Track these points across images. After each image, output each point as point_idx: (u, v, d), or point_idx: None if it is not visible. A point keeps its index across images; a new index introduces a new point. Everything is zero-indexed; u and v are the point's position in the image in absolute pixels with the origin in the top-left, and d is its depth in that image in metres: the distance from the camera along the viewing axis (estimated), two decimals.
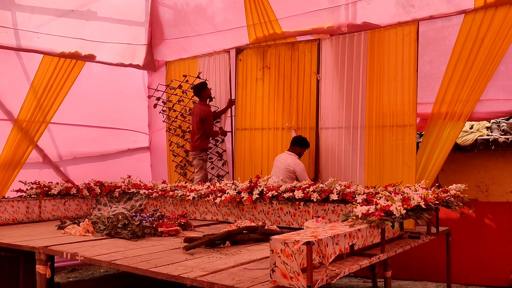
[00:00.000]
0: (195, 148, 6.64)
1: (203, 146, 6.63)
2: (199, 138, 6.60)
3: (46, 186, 6.05)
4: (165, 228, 4.62)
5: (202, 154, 6.63)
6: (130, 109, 7.90)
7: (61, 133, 7.02)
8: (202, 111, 6.54)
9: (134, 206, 6.33)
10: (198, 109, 6.61)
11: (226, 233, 4.12)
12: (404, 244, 4.00)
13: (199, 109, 6.58)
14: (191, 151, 6.75)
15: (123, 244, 4.15)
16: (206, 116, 6.53)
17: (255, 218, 5.37)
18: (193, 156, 6.70)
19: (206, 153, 6.70)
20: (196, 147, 6.63)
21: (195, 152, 6.65)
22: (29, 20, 6.25)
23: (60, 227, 5.03)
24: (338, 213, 4.79)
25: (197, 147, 6.62)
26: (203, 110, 6.55)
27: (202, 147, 6.62)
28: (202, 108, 6.59)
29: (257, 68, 6.62)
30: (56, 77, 6.59)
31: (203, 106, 6.62)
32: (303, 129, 6.26)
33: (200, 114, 6.52)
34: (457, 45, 5.21)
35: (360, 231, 3.23)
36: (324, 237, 2.83)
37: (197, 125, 6.59)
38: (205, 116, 6.51)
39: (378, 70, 5.61)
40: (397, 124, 5.44)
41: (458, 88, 5.20)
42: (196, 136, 6.64)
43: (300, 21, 6.21)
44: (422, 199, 3.71)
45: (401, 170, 5.37)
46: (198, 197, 5.85)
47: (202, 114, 6.51)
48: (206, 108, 6.62)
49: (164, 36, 7.56)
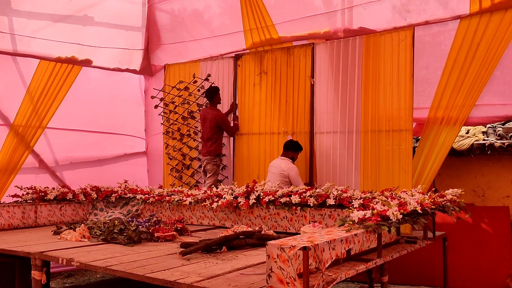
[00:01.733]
0: (210, 153, 6.59)
1: (217, 151, 6.61)
2: (214, 143, 6.57)
3: (42, 191, 6.02)
4: (161, 233, 4.61)
5: (217, 159, 6.60)
6: (126, 114, 7.90)
7: (58, 138, 7.00)
8: (217, 116, 6.50)
9: (131, 211, 6.31)
10: (211, 115, 6.54)
11: (222, 238, 4.11)
12: (401, 249, 4.00)
13: (213, 115, 6.52)
14: (204, 156, 6.66)
15: (119, 250, 4.14)
16: (222, 120, 6.53)
17: (252, 223, 5.36)
18: (206, 161, 6.62)
19: (220, 158, 6.68)
20: (211, 152, 6.58)
21: (209, 157, 6.59)
22: (26, 25, 6.26)
23: (56, 233, 5.01)
24: (335, 218, 4.79)
25: (212, 152, 6.58)
26: (218, 116, 6.51)
27: (216, 152, 6.60)
28: (215, 113, 6.53)
29: (254, 73, 6.63)
30: (53, 82, 6.59)
31: (215, 111, 6.57)
32: (299, 134, 6.27)
33: (216, 120, 6.49)
34: (453, 50, 5.24)
35: (356, 236, 3.23)
36: (320, 242, 2.83)
37: (212, 130, 6.54)
38: (221, 121, 6.51)
39: (373, 74, 5.63)
40: (393, 129, 5.45)
41: (454, 93, 5.24)
42: (210, 142, 6.59)
43: (297, 26, 6.24)
44: (419, 204, 3.71)
45: (397, 175, 5.38)
46: (195, 202, 5.84)
47: (217, 119, 6.49)
48: (220, 113, 6.58)
49: (161, 41, 7.58)
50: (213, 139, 6.59)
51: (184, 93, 7.25)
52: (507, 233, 5.71)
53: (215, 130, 6.56)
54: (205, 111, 6.75)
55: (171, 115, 7.39)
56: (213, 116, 6.53)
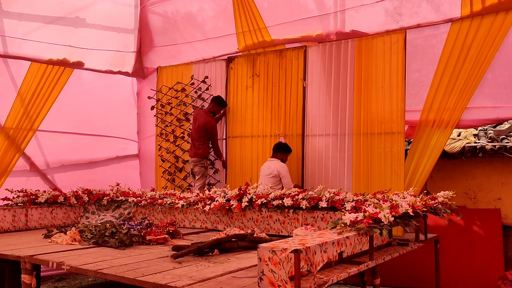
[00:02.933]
0: (197, 155, 6.59)
1: (205, 154, 6.61)
2: (202, 145, 6.56)
3: (33, 194, 5.98)
4: (153, 236, 4.58)
5: (204, 161, 6.60)
6: (119, 116, 7.87)
7: (49, 140, 6.95)
8: (208, 123, 6.49)
9: (123, 214, 6.28)
10: (203, 119, 6.54)
11: (214, 241, 4.10)
12: (393, 252, 4.00)
13: (205, 119, 6.52)
14: (192, 157, 6.67)
15: (111, 253, 4.11)
16: (212, 129, 6.53)
17: (245, 225, 5.35)
18: (194, 163, 6.63)
19: (207, 161, 6.68)
20: (198, 154, 6.58)
21: (196, 159, 6.59)
22: (17, 27, 6.21)
23: (46, 236, 4.97)
24: (327, 220, 4.79)
25: (199, 154, 6.58)
26: (208, 123, 6.50)
27: (204, 154, 6.59)
28: (207, 119, 6.52)
29: (247, 76, 6.63)
30: (44, 84, 6.54)
31: (208, 117, 6.56)
32: (290, 136, 6.27)
33: (205, 125, 6.49)
34: (444, 53, 5.26)
35: (348, 238, 3.23)
36: (312, 245, 2.82)
37: (200, 133, 6.55)
38: (210, 129, 6.52)
39: (365, 77, 5.64)
40: (385, 131, 5.47)
41: (445, 95, 5.25)
42: (198, 143, 6.59)
43: (289, 29, 6.24)
44: (410, 206, 3.72)
45: (389, 178, 5.39)
46: (187, 205, 5.82)
47: (207, 126, 6.49)
48: (211, 121, 6.55)
49: (154, 43, 7.56)
50: (200, 141, 6.59)
51: (180, 95, 7.24)
52: (498, 235, 5.74)
53: (203, 134, 6.56)
54: (198, 112, 6.74)
55: (166, 116, 7.37)
56: (204, 120, 6.53)
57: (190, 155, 6.75)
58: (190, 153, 6.77)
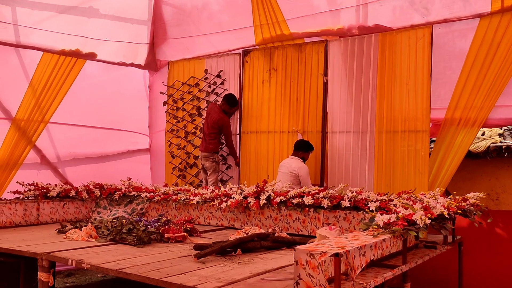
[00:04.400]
0: (207, 149, 6.48)
1: (216, 148, 6.51)
2: (213, 140, 6.46)
3: (44, 188, 5.83)
4: (171, 234, 4.44)
5: (215, 156, 6.50)
6: (130, 109, 7.71)
7: (60, 133, 6.80)
8: (221, 120, 6.40)
9: (135, 209, 6.13)
10: (216, 115, 6.45)
11: (238, 241, 3.95)
12: (423, 255, 3.85)
13: (218, 116, 6.42)
14: (203, 151, 6.56)
15: (130, 251, 3.97)
16: (224, 126, 6.43)
17: (262, 224, 5.20)
18: (204, 158, 6.51)
19: (218, 155, 6.55)
20: (209, 148, 6.47)
21: (207, 153, 6.47)
22: (29, 15, 6.04)
23: (60, 231, 4.83)
24: (350, 220, 4.65)
25: (209, 149, 6.47)
26: (221, 119, 6.40)
27: (214, 149, 6.49)
28: (221, 116, 6.43)
29: (263, 70, 6.47)
30: (56, 75, 6.39)
31: (221, 114, 6.46)
32: (310, 133, 6.12)
33: (218, 122, 6.40)
34: (472, 50, 5.10)
35: (384, 241, 3.08)
36: (351, 248, 2.67)
37: (212, 129, 6.45)
38: (222, 125, 6.42)
39: (389, 73, 5.49)
40: (409, 129, 5.32)
41: (472, 93, 5.09)
42: (209, 138, 6.49)
43: (309, 22, 6.07)
44: (445, 208, 3.56)
45: (412, 177, 5.25)
46: (203, 202, 5.67)
47: (219, 122, 6.40)
48: (224, 117, 6.46)
49: (167, 35, 7.38)
50: (211, 136, 6.49)
51: (194, 89, 7.08)
52: None
53: (215, 130, 6.46)
54: (212, 108, 6.60)
55: (177, 112, 7.22)
56: (217, 117, 6.42)
57: (201, 150, 6.64)
58: (201, 147, 6.66)
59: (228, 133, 6.50)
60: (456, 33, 5.34)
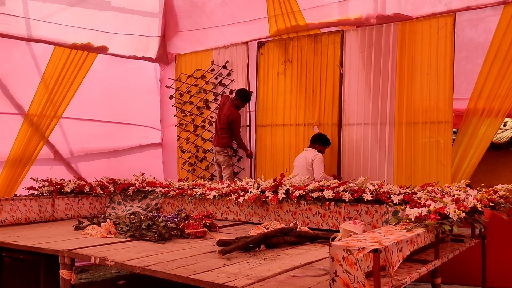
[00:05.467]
0: (220, 144, 6.44)
1: (229, 143, 6.46)
2: (225, 134, 6.41)
3: (58, 183, 5.76)
4: (191, 229, 4.35)
5: (228, 150, 6.44)
6: (142, 103, 7.63)
7: (72, 128, 6.72)
8: (231, 114, 6.32)
9: (150, 205, 6.05)
10: (227, 109, 6.38)
11: (261, 236, 3.86)
12: (452, 249, 3.75)
13: (228, 110, 6.35)
14: (216, 146, 6.51)
15: (151, 247, 3.88)
16: (234, 121, 6.35)
17: (281, 218, 5.10)
18: (218, 153, 6.46)
19: (230, 149, 6.48)
20: (221, 143, 6.43)
21: (220, 148, 6.43)
22: (41, 9, 5.94)
23: (78, 228, 4.75)
24: (372, 214, 4.55)
25: (222, 143, 6.43)
26: (232, 114, 6.33)
27: (228, 144, 6.44)
28: (231, 111, 6.35)
29: (278, 62, 6.36)
30: (68, 70, 6.29)
31: (232, 108, 6.38)
32: (326, 125, 6.02)
33: (228, 116, 6.33)
34: (496, 38, 4.96)
35: (419, 236, 2.98)
36: (389, 244, 2.58)
37: (223, 124, 6.41)
38: (232, 120, 6.34)
39: (409, 64, 5.37)
40: (430, 120, 5.21)
41: (496, 83, 4.97)
42: (221, 133, 6.44)
43: (325, 12, 5.96)
44: (478, 200, 3.46)
45: (434, 169, 5.14)
46: (219, 196, 5.58)
47: (230, 117, 6.32)
48: (235, 112, 6.37)
49: (179, 27, 7.28)
50: (223, 131, 6.43)
51: (200, 82, 6.99)
52: None
53: (226, 125, 6.40)
54: (224, 101, 6.52)
55: (185, 106, 7.14)
56: (228, 112, 6.36)
57: (214, 144, 6.58)
58: (214, 142, 6.59)
59: (237, 128, 6.44)
60: (466, 23, 5.23)
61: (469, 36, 5.43)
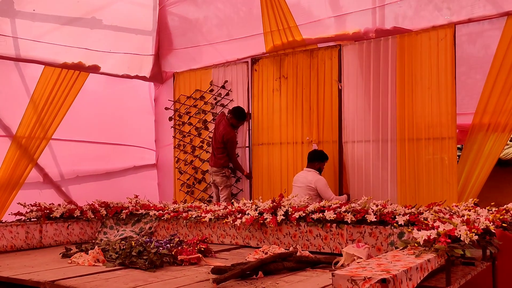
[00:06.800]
0: (217, 164, 6.23)
1: (226, 163, 6.25)
2: (221, 154, 6.21)
3: (47, 208, 5.49)
4: (185, 255, 4.09)
5: (225, 170, 6.21)
6: (135, 123, 7.44)
7: (63, 150, 6.52)
8: (226, 134, 6.14)
9: (144, 228, 5.79)
10: (222, 128, 6.20)
11: (259, 262, 3.60)
12: (464, 273, 3.49)
13: (224, 130, 6.18)
14: (212, 166, 6.30)
15: (141, 276, 3.62)
16: (229, 141, 6.16)
17: (281, 242, 4.85)
18: (214, 173, 6.24)
19: (228, 169, 6.26)
20: (219, 164, 6.22)
21: (217, 168, 6.21)
22: (30, 28, 5.79)
23: (65, 255, 4.48)
24: (376, 236, 4.30)
25: (219, 164, 6.22)
26: (227, 134, 6.14)
27: (225, 164, 6.24)
28: (226, 129, 6.17)
29: (273, 78, 6.20)
30: (58, 90, 6.13)
31: (227, 128, 6.20)
32: (325, 143, 5.82)
33: (224, 136, 6.14)
34: (500, 50, 4.82)
35: (430, 262, 2.74)
36: (398, 272, 2.34)
37: (218, 143, 6.22)
38: (227, 140, 6.15)
39: (409, 78, 5.20)
40: (434, 136, 5.01)
41: (502, 96, 4.81)
42: (217, 153, 6.25)
43: (323, 27, 5.82)
44: (491, 222, 3.22)
45: (440, 188, 4.92)
46: (215, 219, 5.33)
47: (225, 137, 6.14)
48: (231, 132, 6.19)
49: (173, 45, 7.13)
50: (219, 151, 6.23)
51: (199, 103, 6.81)
52: None
53: (222, 145, 6.21)
54: (220, 120, 6.34)
55: (183, 127, 6.95)
56: (224, 131, 6.18)
57: (211, 165, 6.37)
58: (211, 162, 6.39)
59: (232, 148, 6.24)
60: (464, 38, 5.09)
61: (468, 51, 5.28)
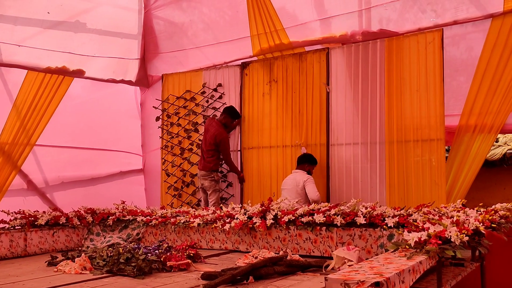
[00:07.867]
0: (206, 168, 6.12)
1: (215, 167, 6.14)
2: (211, 157, 6.10)
3: (32, 215, 5.38)
4: (174, 261, 4.03)
5: (213, 174, 6.11)
6: (121, 128, 7.35)
7: (47, 156, 6.41)
8: (219, 135, 6.02)
9: (131, 235, 5.71)
10: (214, 130, 6.09)
11: (249, 267, 3.56)
12: (454, 274, 3.49)
13: (216, 130, 6.06)
14: (201, 170, 6.20)
15: (129, 284, 3.55)
16: (222, 141, 6.05)
17: (270, 246, 4.81)
18: (203, 177, 6.15)
19: (218, 173, 6.17)
20: (208, 167, 6.11)
21: (205, 172, 6.11)
22: (12, 32, 5.68)
23: (51, 264, 4.38)
24: (366, 238, 4.29)
25: (208, 167, 6.11)
26: (220, 134, 6.03)
27: (214, 168, 6.14)
28: (219, 130, 6.06)
29: (263, 82, 6.17)
30: (42, 95, 6.02)
31: (219, 128, 6.09)
32: (313, 146, 5.81)
33: (215, 137, 6.03)
34: (485, 52, 4.85)
35: (421, 264, 2.72)
36: (391, 275, 2.31)
37: (210, 145, 6.10)
38: (220, 141, 6.04)
39: (398, 80, 5.21)
40: (422, 138, 5.02)
41: (487, 98, 4.84)
42: (207, 155, 6.14)
43: (310, 29, 5.81)
44: (480, 222, 3.22)
45: (428, 189, 4.93)
46: (204, 224, 5.27)
47: (218, 137, 6.02)
48: (223, 132, 6.08)
49: (159, 49, 7.06)
50: (210, 154, 6.13)
51: (189, 104, 6.73)
52: None
53: (213, 147, 6.09)
54: (210, 123, 6.26)
55: (172, 127, 6.86)
56: (216, 132, 6.06)
57: (199, 168, 6.28)
58: (199, 165, 6.30)
59: (226, 150, 6.13)
60: (447, 41, 5.11)
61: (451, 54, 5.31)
